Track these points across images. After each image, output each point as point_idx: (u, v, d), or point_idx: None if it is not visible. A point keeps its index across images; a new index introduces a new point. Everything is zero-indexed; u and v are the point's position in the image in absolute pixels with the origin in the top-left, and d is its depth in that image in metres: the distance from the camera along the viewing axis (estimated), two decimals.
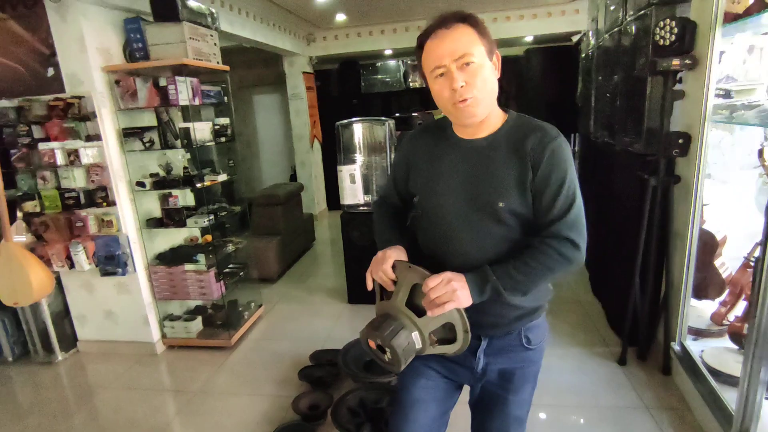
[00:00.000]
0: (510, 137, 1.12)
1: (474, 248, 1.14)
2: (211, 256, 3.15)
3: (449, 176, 1.17)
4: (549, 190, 1.07)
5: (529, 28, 5.79)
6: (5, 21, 2.66)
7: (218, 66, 3.06)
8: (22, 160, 2.82)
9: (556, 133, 1.10)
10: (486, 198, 1.11)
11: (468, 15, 1.07)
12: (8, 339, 3.18)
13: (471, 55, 1.03)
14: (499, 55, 1.10)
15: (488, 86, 1.07)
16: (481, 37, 1.05)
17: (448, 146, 1.19)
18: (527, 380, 1.27)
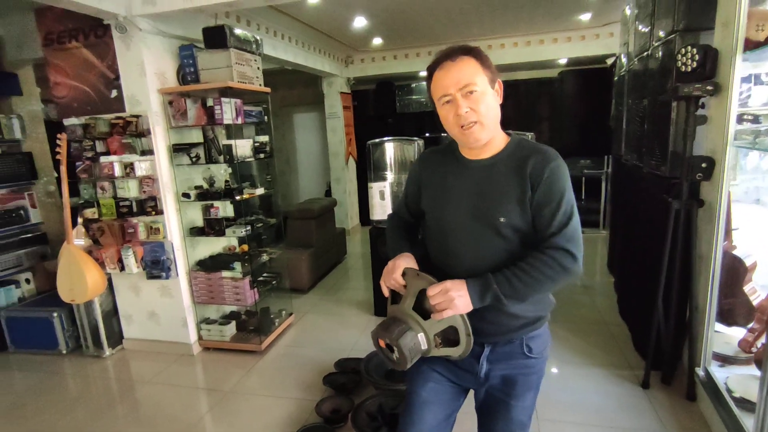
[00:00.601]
0: (511, 158, 1.23)
1: (477, 260, 1.24)
2: (246, 264, 3.35)
3: (455, 193, 1.28)
4: (548, 207, 1.17)
5: (563, 51, 5.83)
6: (79, 49, 3.01)
7: (260, 88, 3.31)
8: (85, 172, 3.14)
9: (555, 155, 1.20)
10: (488, 213, 1.21)
11: (472, 48, 1.20)
12: (64, 333, 3.48)
13: (474, 84, 1.15)
14: (501, 84, 1.22)
15: (491, 112, 1.18)
16: (483, 68, 1.17)
17: (456, 166, 1.30)
18: (529, 387, 1.34)
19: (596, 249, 5.44)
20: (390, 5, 4.28)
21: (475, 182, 1.25)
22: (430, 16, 4.79)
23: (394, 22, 4.97)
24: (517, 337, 1.30)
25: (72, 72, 3.09)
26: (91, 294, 3.06)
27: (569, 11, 4.79)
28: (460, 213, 1.26)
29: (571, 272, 1.16)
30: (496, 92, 1.21)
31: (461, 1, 4.26)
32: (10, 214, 3.77)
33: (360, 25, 4.95)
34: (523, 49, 5.95)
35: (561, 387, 2.69)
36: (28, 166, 3.89)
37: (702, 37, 2.31)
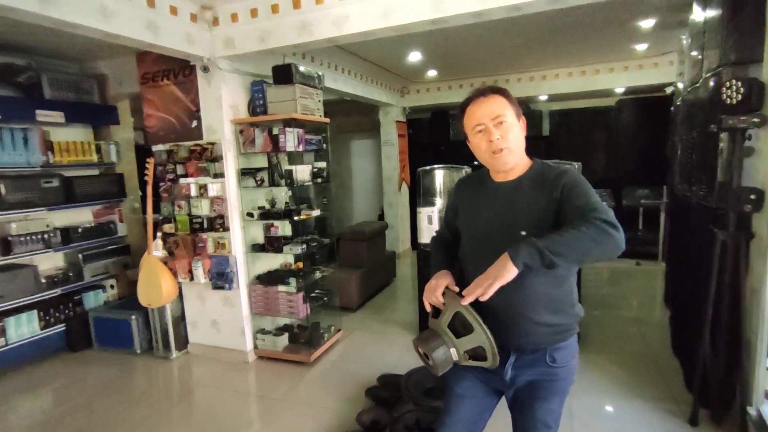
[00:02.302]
0: (533, 178, 1.40)
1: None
2: (301, 280, 3.60)
3: (485, 212, 1.46)
4: (573, 199, 1.28)
5: (620, 80, 5.78)
6: (169, 86, 3.49)
7: (320, 119, 3.62)
8: (166, 191, 3.57)
9: (565, 168, 1.37)
10: (511, 228, 1.36)
11: (501, 88, 1.40)
12: (139, 334, 3.88)
13: (504, 116, 1.35)
14: (524, 120, 1.41)
15: (517, 140, 1.37)
16: (511, 104, 1.37)
17: (486, 190, 1.48)
18: (554, 393, 1.43)
19: (653, 282, 5.23)
20: (442, 41, 4.53)
21: (501, 202, 1.42)
22: (482, 51, 4.98)
23: (447, 56, 5.21)
24: (542, 348, 1.40)
25: (162, 105, 3.57)
26: (164, 300, 3.43)
27: (623, 42, 4.80)
28: (487, 230, 1.42)
29: (615, 238, 1.16)
30: (522, 125, 1.40)
31: (511, 36, 4.41)
32: (103, 227, 4.31)
33: (415, 59, 5.24)
34: (578, 78, 5.97)
35: (603, 418, 2.66)
36: (119, 185, 4.45)
37: (751, 69, 2.31)
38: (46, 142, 3.82)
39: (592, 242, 1.15)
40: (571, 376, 1.45)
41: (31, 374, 3.62)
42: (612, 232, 1.16)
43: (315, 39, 2.96)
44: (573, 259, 1.19)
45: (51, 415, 3.04)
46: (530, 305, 1.36)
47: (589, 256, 1.18)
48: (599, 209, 1.22)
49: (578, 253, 1.16)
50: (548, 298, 1.37)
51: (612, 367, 3.22)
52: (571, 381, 1.46)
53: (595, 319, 4.14)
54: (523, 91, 6.36)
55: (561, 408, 1.47)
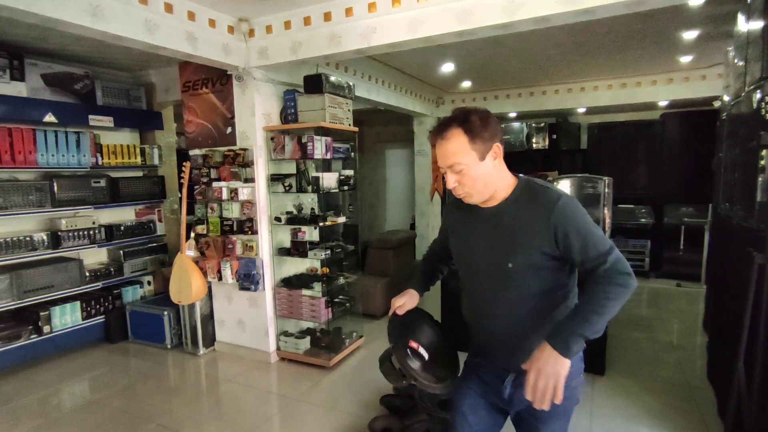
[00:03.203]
0: (517, 204, 1.34)
1: (496, 302, 1.38)
2: (324, 285, 3.67)
3: (472, 238, 1.44)
4: (577, 245, 1.24)
5: (664, 93, 5.55)
6: (207, 94, 3.67)
7: (348, 128, 3.70)
8: (201, 194, 3.74)
9: (557, 194, 1.28)
10: (498, 259, 1.34)
11: (466, 118, 1.25)
12: (170, 330, 4.06)
13: (460, 164, 1.27)
14: (499, 146, 1.30)
15: (479, 182, 1.29)
16: (472, 142, 1.25)
17: (472, 215, 1.43)
18: (556, 414, 1.38)
19: (694, 305, 4.95)
20: (476, 53, 4.52)
21: (485, 229, 1.39)
22: (516, 62, 4.93)
23: (481, 67, 5.18)
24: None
25: (200, 112, 3.75)
26: (194, 298, 3.59)
27: (666, 54, 4.62)
28: (474, 255, 1.42)
29: (631, 288, 1.20)
30: (494, 155, 1.29)
31: (547, 47, 4.35)
32: (143, 226, 4.55)
33: (448, 70, 5.25)
34: (619, 91, 5.78)
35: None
36: (160, 187, 4.69)
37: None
38: (96, 144, 4.10)
39: (616, 304, 1.19)
40: (573, 397, 1.40)
41: (74, 361, 3.86)
42: (629, 284, 1.20)
43: (344, 50, 3.04)
44: (603, 329, 1.22)
45: (94, 399, 3.25)
46: (528, 332, 1.35)
47: (612, 315, 1.22)
48: (610, 258, 1.21)
49: (607, 320, 1.21)
50: (547, 322, 1.34)
51: (642, 394, 3.07)
52: (575, 401, 1.41)
53: (629, 342, 3.97)
54: (560, 103, 6.23)
55: (566, 428, 1.43)
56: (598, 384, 3.20)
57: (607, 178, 3.31)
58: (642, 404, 2.93)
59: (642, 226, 6.08)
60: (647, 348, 3.87)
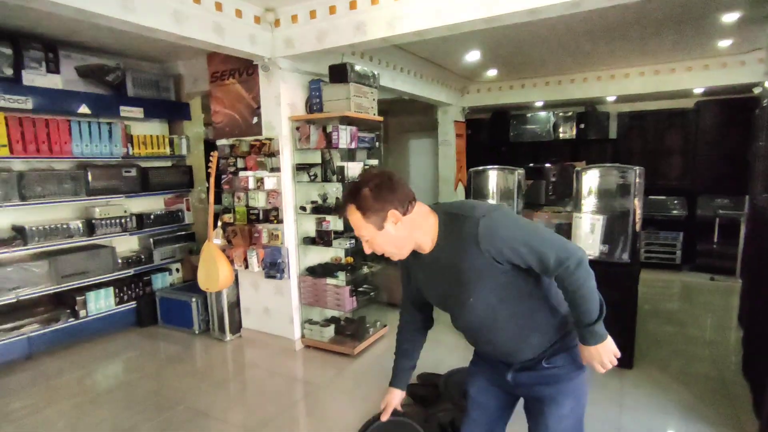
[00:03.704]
0: (447, 241, 1.32)
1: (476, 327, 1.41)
2: (349, 274, 3.69)
3: (427, 284, 1.46)
4: (522, 258, 1.24)
5: (699, 80, 5.33)
6: (234, 84, 3.72)
7: (373, 117, 3.68)
8: (228, 183, 3.80)
9: (475, 219, 1.24)
10: (457, 300, 1.36)
11: (356, 195, 1.29)
12: (198, 316, 4.17)
13: (363, 235, 1.32)
14: (394, 212, 1.27)
15: (388, 246, 1.32)
16: (366, 217, 1.28)
17: (418, 262, 1.42)
18: (562, 395, 1.40)
19: (728, 299, 4.79)
20: (503, 40, 4.43)
21: (433, 274, 1.40)
22: (546, 49, 4.81)
23: (508, 55, 5.08)
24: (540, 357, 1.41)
25: (228, 102, 3.80)
26: (221, 285, 3.66)
27: (704, 38, 4.43)
28: (440, 300, 1.45)
29: (583, 265, 1.24)
30: (393, 220, 1.28)
31: (576, 35, 4.22)
32: (172, 214, 4.66)
33: (474, 58, 5.16)
34: (651, 78, 5.58)
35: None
36: (188, 176, 4.79)
37: None
38: (127, 135, 4.20)
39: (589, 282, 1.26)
40: (577, 379, 1.41)
41: (107, 344, 4.01)
42: (581, 261, 1.24)
43: (369, 39, 3.03)
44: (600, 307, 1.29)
45: (126, 380, 3.39)
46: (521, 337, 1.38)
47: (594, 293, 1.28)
48: (552, 260, 1.22)
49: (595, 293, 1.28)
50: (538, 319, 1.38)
51: (675, 386, 3.00)
52: (581, 384, 1.42)
53: (659, 336, 3.87)
54: (589, 91, 6.06)
55: (577, 415, 1.43)
56: (627, 377, 3.13)
57: (639, 167, 3.20)
58: (673, 397, 2.86)
59: (674, 218, 5.89)
60: (678, 342, 3.77)
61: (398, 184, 1.30)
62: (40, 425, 2.78)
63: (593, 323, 1.27)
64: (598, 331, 1.28)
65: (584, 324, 1.28)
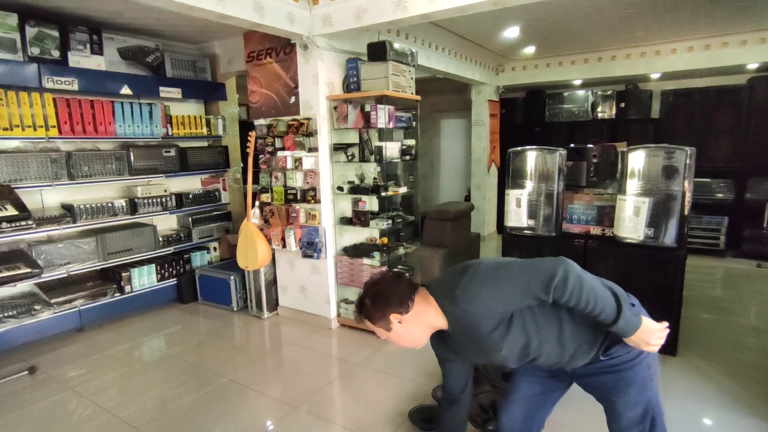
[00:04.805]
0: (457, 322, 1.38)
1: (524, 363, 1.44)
2: (384, 255, 3.69)
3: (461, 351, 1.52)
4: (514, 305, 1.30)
5: (755, 55, 5.01)
6: (272, 64, 3.71)
7: (411, 96, 3.63)
8: (265, 163, 3.84)
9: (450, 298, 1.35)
10: (492, 356, 1.41)
11: (361, 307, 1.45)
12: (236, 293, 4.27)
13: (380, 336, 1.49)
14: (395, 315, 1.40)
15: (403, 341, 1.45)
16: (376, 324, 1.43)
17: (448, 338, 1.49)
18: (625, 383, 1.39)
19: None
20: (543, 15, 4.26)
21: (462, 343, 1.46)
22: (588, 24, 4.60)
23: (548, 30, 4.89)
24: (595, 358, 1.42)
25: (264, 82, 3.81)
26: (260, 264, 3.73)
27: (763, 8, 4.14)
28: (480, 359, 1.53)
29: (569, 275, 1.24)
30: (398, 321, 1.41)
31: (621, 7, 4.02)
32: (209, 194, 4.76)
33: (512, 34, 4.99)
34: (701, 53, 5.28)
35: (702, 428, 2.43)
36: (224, 156, 4.86)
37: None
38: (166, 116, 4.27)
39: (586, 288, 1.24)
40: (639, 366, 1.39)
41: (152, 319, 4.17)
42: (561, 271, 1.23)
43: (410, 15, 2.95)
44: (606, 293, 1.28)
45: (170, 353, 3.52)
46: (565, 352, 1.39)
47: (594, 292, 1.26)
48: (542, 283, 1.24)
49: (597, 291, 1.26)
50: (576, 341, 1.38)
51: (720, 377, 2.91)
52: (644, 370, 1.39)
53: (703, 324, 3.76)
54: (631, 68, 5.80)
55: (647, 399, 1.40)
56: (671, 364, 3.06)
57: (690, 148, 3.05)
58: (718, 386, 2.78)
59: (719, 202, 5.64)
60: (723, 330, 3.64)
61: (391, 288, 1.42)
62: (93, 393, 2.92)
63: (617, 320, 1.26)
64: (628, 322, 1.27)
65: (609, 325, 1.28)
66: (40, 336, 3.58)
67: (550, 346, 1.37)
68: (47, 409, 2.76)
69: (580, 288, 1.23)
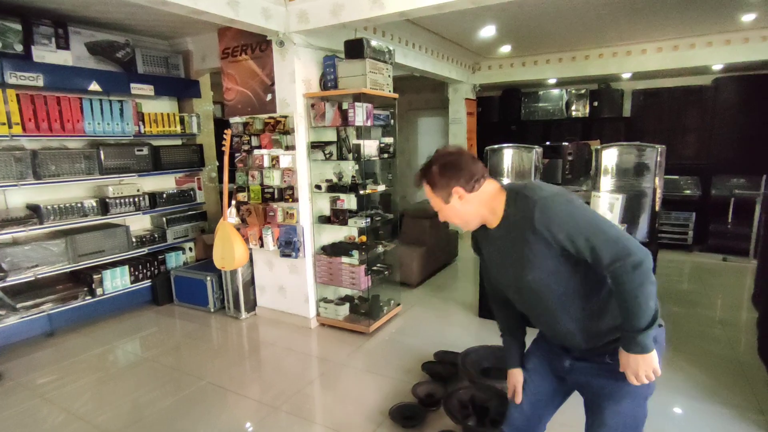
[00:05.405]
0: (511, 219, 1.35)
1: (533, 307, 1.43)
2: (363, 253, 3.69)
3: (491, 261, 1.50)
4: (574, 247, 1.24)
5: (720, 56, 5.20)
6: (247, 61, 3.65)
7: (389, 94, 3.62)
8: (242, 162, 3.78)
9: (533, 200, 1.27)
10: (516, 275, 1.37)
11: (427, 171, 1.41)
12: (213, 294, 4.20)
13: (434, 206, 1.46)
14: (457, 189, 1.36)
15: (455, 219, 1.43)
16: (435, 192, 1.41)
17: (486, 239, 1.48)
18: (619, 393, 1.36)
19: (741, 280, 4.78)
20: (520, 14, 4.31)
21: (497, 251, 1.44)
22: (563, 23, 4.69)
23: (524, 29, 4.96)
24: (603, 350, 1.38)
25: (240, 79, 3.74)
26: (237, 264, 3.66)
27: (728, 11, 4.29)
28: (501, 277, 1.47)
29: (643, 267, 1.20)
30: (458, 197, 1.38)
31: (597, 7, 4.10)
32: (184, 193, 4.65)
33: (489, 33, 5.04)
34: (669, 54, 5.45)
35: (675, 419, 2.52)
36: (199, 155, 4.76)
37: None
38: (138, 113, 4.15)
39: (647, 288, 1.20)
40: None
41: (126, 321, 4.06)
42: (646, 267, 1.20)
43: (387, 12, 2.94)
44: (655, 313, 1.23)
45: (146, 356, 3.43)
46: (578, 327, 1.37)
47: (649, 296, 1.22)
48: (613, 250, 1.20)
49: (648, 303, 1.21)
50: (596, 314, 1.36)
51: (690, 368, 3.01)
52: (645, 387, 1.34)
53: (673, 317, 3.88)
54: (603, 68, 5.94)
55: (635, 416, 1.39)
56: None
57: (660, 146, 3.15)
58: (691, 379, 2.88)
59: (687, 198, 5.84)
60: (693, 323, 3.77)
61: (466, 163, 1.36)
62: (65, 399, 2.83)
63: (640, 331, 1.22)
64: (643, 341, 1.22)
65: (629, 329, 1.24)
66: (7, 342, 3.44)
67: (569, 309, 1.34)
68: (16, 418, 2.66)
69: (643, 281, 1.19)
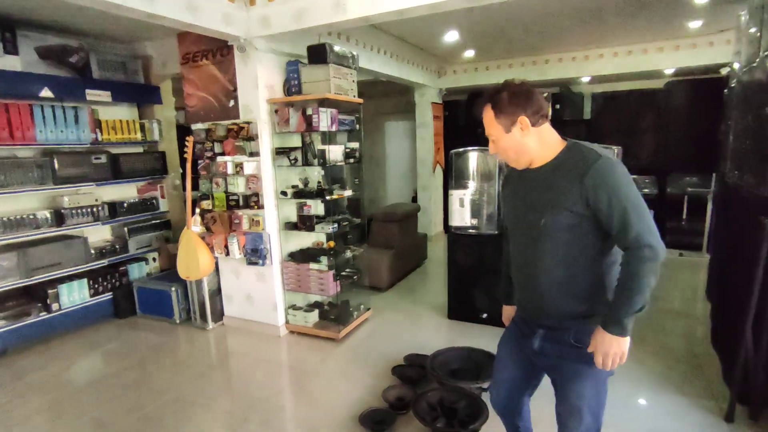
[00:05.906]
0: (558, 164, 1.38)
1: (532, 258, 1.43)
2: (332, 259, 3.67)
3: (516, 200, 1.52)
4: (611, 214, 1.27)
5: (670, 61, 5.47)
6: (208, 66, 3.58)
7: (354, 99, 3.62)
8: (205, 169, 3.70)
9: (596, 156, 1.30)
10: (533, 215, 1.39)
11: (492, 96, 1.41)
12: (178, 305, 4.09)
13: (491, 135, 1.45)
14: (522, 119, 1.38)
15: (509, 151, 1.43)
16: (497, 118, 1.40)
17: (519, 179, 1.51)
18: (582, 375, 1.43)
19: (696, 274, 5.01)
20: (481, 20, 4.40)
21: (527, 190, 1.45)
22: (522, 31, 4.81)
23: (486, 35, 5.06)
24: (568, 327, 1.43)
25: (201, 85, 3.67)
26: (202, 273, 3.59)
27: (676, 19, 4.51)
28: (518, 217, 1.49)
29: (659, 258, 1.25)
30: (521, 127, 1.39)
31: (554, 14, 4.23)
32: (146, 202, 4.52)
33: (452, 38, 5.12)
34: (624, 59, 5.68)
35: (635, 409, 2.61)
36: (161, 163, 4.63)
37: None
38: (95, 120, 4.01)
39: (650, 278, 1.25)
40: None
41: (85, 337, 3.89)
42: (657, 256, 1.24)
43: (349, 17, 2.95)
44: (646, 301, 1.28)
45: (108, 372, 3.30)
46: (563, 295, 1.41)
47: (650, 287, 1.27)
48: (641, 231, 1.24)
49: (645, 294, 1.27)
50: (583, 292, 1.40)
51: (648, 359, 3.13)
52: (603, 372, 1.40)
53: None
54: (564, 72, 6.13)
55: (596, 398, 1.46)
56: None
57: (616, 147, 3.28)
58: (650, 369, 3.00)
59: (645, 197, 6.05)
60: (650, 316, 3.92)
61: (536, 96, 1.38)
62: (17, 423, 2.69)
63: (626, 313, 1.27)
64: (626, 324, 1.28)
65: (616, 308, 1.29)
66: None
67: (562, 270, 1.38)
68: None
69: (650, 270, 1.24)
